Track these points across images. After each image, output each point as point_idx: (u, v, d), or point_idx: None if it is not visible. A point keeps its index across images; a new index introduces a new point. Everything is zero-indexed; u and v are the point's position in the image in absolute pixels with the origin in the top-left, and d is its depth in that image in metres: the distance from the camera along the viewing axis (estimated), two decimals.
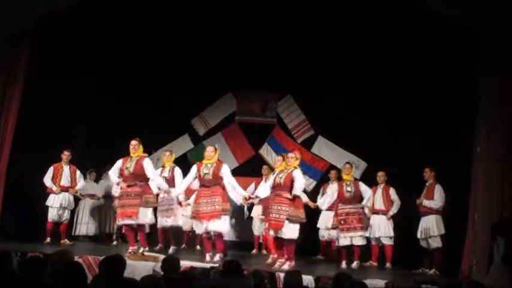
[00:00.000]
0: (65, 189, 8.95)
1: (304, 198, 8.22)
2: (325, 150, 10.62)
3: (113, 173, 7.85)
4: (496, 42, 6.88)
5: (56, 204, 8.84)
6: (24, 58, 8.45)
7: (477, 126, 7.48)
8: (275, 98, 10.95)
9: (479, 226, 6.97)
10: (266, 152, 10.84)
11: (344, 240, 8.18)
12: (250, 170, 10.24)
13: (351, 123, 9.86)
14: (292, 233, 7.27)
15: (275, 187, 7.45)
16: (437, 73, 8.92)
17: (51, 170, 8.93)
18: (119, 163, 7.83)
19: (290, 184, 7.33)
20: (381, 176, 8.91)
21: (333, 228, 8.47)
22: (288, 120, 10.87)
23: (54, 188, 8.86)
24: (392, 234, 8.66)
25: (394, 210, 8.69)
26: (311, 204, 8.52)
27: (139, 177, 7.69)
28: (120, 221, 7.76)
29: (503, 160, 6.64)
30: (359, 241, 8.21)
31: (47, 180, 8.88)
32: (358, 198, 8.32)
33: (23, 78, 8.45)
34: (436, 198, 8.23)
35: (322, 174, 10.34)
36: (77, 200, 9.55)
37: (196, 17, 9.57)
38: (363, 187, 8.39)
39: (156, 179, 7.92)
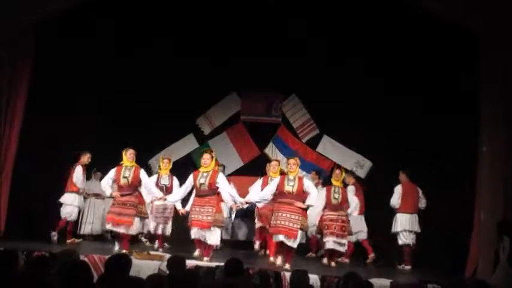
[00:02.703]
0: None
1: None
2: (330, 149, 10.62)
3: (107, 183, 7.85)
4: (497, 42, 6.86)
5: (75, 203, 8.78)
6: (28, 58, 8.47)
7: (482, 126, 7.46)
8: (280, 97, 10.95)
9: (484, 226, 6.96)
10: (271, 151, 10.82)
11: (328, 244, 8.06)
12: (255, 169, 10.22)
13: (356, 122, 9.85)
14: (298, 241, 7.35)
15: (285, 194, 7.34)
16: (442, 73, 8.93)
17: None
18: (112, 173, 7.86)
19: (303, 193, 7.32)
20: None
21: (317, 233, 8.47)
22: (293, 119, 10.87)
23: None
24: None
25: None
26: None
27: (135, 187, 7.82)
28: (110, 227, 7.82)
29: (507, 159, 6.63)
30: (339, 247, 8.10)
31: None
32: (343, 205, 8.21)
33: (28, 78, 8.47)
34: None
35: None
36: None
37: (201, 15, 9.55)
38: (350, 195, 8.36)
39: (152, 190, 7.95)
